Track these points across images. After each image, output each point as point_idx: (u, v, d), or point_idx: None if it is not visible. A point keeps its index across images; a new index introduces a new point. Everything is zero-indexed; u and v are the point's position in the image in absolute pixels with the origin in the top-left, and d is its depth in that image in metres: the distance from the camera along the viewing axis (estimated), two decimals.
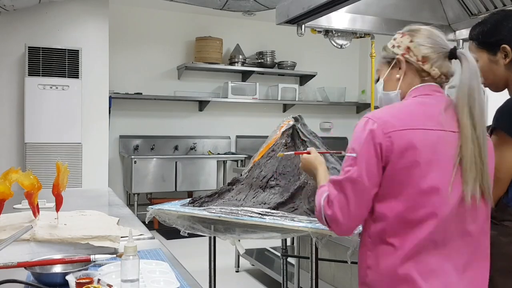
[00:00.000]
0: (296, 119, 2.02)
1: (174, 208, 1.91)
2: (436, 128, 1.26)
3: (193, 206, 1.92)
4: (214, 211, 1.79)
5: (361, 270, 1.33)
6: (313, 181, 1.74)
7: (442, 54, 1.34)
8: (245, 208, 1.74)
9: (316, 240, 1.52)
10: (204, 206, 1.88)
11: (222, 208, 1.78)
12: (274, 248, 4.18)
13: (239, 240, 1.90)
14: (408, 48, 1.36)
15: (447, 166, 1.25)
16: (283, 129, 2.02)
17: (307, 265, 2.81)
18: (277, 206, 1.74)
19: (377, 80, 1.46)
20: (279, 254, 3.08)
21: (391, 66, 1.40)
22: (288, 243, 3.24)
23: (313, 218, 1.61)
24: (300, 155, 1.62)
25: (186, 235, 1.85)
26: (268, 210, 1.70)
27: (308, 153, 1.60)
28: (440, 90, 1.35)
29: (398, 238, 1.24)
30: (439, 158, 1.24)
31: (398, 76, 1.38)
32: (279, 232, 1.64)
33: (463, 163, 1.24)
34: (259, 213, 1.69)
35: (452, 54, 1.34)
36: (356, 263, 1.39)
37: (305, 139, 1.94)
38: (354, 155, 1.26)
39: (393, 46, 1.40)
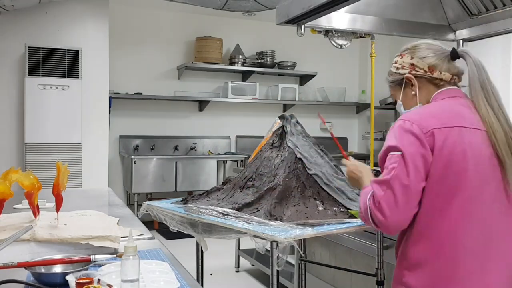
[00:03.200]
0: (283, 118, 1.99)
1: (160, 205, 1.93)
2: (471, 126, 1.29)
3: (182, 203, 1.93)
4: (186, 209, 1.80)
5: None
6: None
7: (445, 58, 1.40)
8: (212, 207, 1.74)
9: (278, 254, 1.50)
10: (189, 204, 1.89)
11: (197, 207, 1.78)
12: None
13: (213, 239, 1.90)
14: (412, 64, 1.42)
15: (485, 166, 1.27)
16: (274, 129, 2.01)
17: (307, 265, 2.81)
18: (242, 207, 1.73)
19: (395, 103, 1.50)
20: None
21: (403, 87, 1.45)
22: None
23: (266, 221, 1.60)
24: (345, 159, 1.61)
25: (175, 231, 1.87)
26: (230, 210, 1.69)
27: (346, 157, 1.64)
28: (462, 95, 1.38)
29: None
30: (477, 159, 1.26)
31: (413, 93, 1.43)
32: (228, 233, 1.65)
33: (501, 159, 1.27)
34: (222, 213, 1.68)
35: (454, 54, 1.39)
36: (356, 271, 1.41)
37: (290, 138, 1.92)
38: (399, 153, 1.27)
39: (397, 69, 1.45)
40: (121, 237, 1.49)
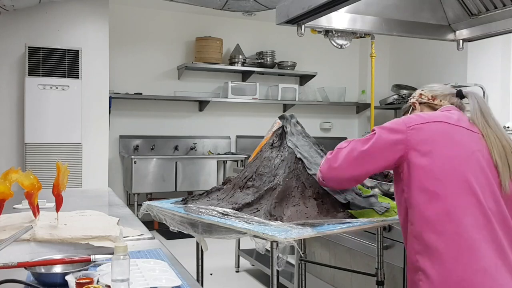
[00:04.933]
0: (283, 118, 1.99)
1: (160, 205, 1.93)
2: (457, 124, 1.42)
3: (182, 203, 1.93)
4: (186, 209, 1.80)
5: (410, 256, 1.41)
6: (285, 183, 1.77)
7: (450, 94, 1.61)
8: (212, 207, 1.74)
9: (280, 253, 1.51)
10: (189, 204, 1.89)
11: (197, 207, 1.78)
12: None
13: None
14: (420, 94, 1.66)
15: (471, 159, 1.37)
16: (274, 129, 2.01)
17: (307, 265, 2.81)
18: (242, 207, 1.73)
19: None
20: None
21: (409, 112, 1.68)
22: None
23: (266, 221, 1.59)
24: None
25: (175, 231, 1.87)
26: (230, 210, 1.68)
27: None
28: (457, 109, 1.53)
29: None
30: (460, 151, 1.38)
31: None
32: (228, 233, 1.65)
33: (495, 164, 1.38)
34: (222, 213, 1.68)
35: (459, 94, 1.59)
36: (356, 271, 1.44)
37: (290, 138, 1.91)
38: (373, 132, 1.46)
39: (410, 99, 1.70)
40: (124, 237, 1.49)
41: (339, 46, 2.90)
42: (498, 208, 1.34)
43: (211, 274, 3.98)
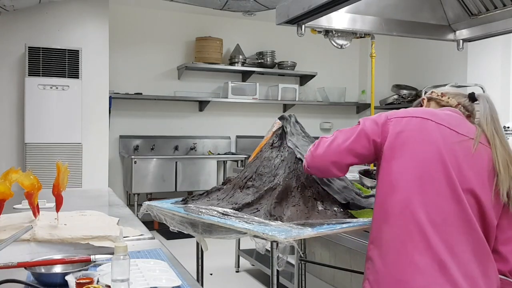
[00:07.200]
0: (283, 118, 1.99)
1: (160, 205, 1.93)
2: (440, 122, 1.39)
3: (182, 203, 1.93)
4: (186, 209, 1.80)
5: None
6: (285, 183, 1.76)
7: (461, 95, 1.58)
8: (212, 207, 1.74)
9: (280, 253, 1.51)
10: (188, 204, 1.89)
11: (197, 207, 1.78)
12: None
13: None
14: (432, 91, 1.64)
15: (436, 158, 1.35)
16: (274, 129, 2.01)
17: (307, 265, 2.81)
18: (242, 207, 1.73)
19: None
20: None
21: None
22: None
23: (266, 221, 1.59)
24: None
25: (175, 231, 1.87)
26: (230, 210, 1.68)
27: None
28: (456, 111, 1.50)
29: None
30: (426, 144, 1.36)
31: None
32: (228, 233, 1.65)
33: (496, 171, 1.37)
34: (222, 213, 1.68)
35: (471, 96, 1.55)
36: (356, 271, 1.45)
37: (290, 138, 1.91)
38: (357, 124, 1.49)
39: (422, 96, 1.68)
40: (124, 237, 1.49)
41: (339, 46, 2.90)
42: (459, 208, 1.31)
43: (211, 274, 3.98)
